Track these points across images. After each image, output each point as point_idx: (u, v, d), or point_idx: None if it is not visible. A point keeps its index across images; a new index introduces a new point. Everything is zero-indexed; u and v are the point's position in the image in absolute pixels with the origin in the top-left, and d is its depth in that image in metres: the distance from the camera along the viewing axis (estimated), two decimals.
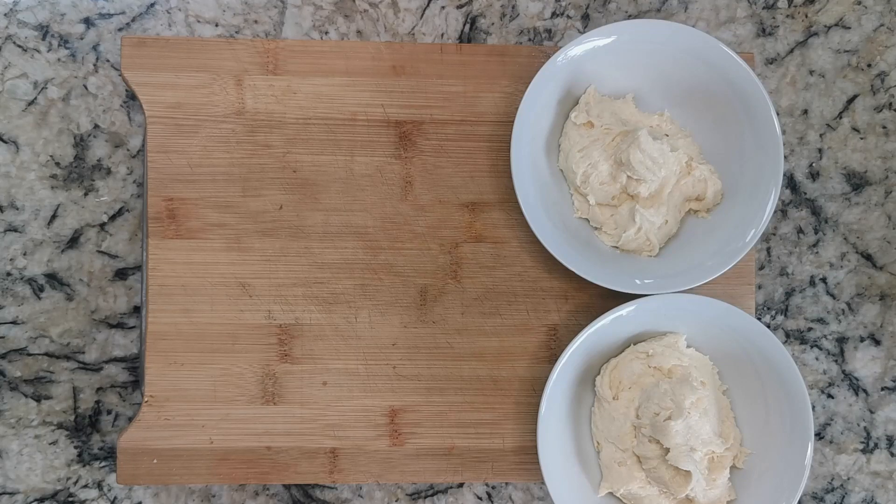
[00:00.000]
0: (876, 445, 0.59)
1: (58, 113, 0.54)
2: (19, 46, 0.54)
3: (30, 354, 0.54)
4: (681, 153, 0.53)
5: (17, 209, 0.55)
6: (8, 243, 0.54)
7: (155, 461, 0.53)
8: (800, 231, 0.59)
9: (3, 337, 0.54)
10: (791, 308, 0.59)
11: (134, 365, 0.55)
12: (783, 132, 0.59)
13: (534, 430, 0.51)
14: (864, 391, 0.59)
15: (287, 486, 0.56)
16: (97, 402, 0.55)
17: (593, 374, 0.55)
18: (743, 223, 0.53)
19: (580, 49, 0.52)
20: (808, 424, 0.52)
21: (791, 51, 0.59)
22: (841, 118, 0.59)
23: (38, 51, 0.54)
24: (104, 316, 0.55)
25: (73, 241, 0.55)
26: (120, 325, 0.55)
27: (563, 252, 0.51)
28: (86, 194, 0.55)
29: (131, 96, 0.55)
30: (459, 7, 0.57)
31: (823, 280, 0.59)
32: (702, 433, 0.51)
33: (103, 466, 0.55)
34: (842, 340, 0.59)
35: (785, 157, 0.54)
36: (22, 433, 0.54)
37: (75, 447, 0.55)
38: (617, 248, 0.55)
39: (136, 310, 0.55)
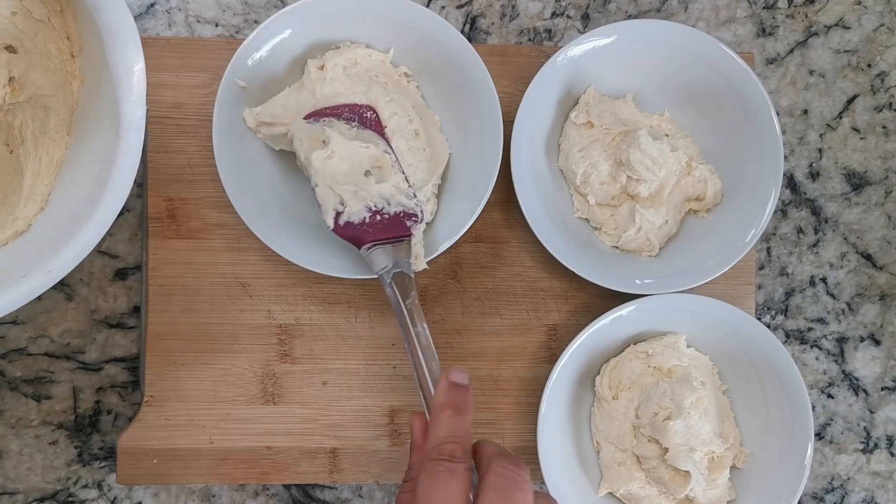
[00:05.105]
0: (876, 445, 0.59)
1: None
2: None
3: (30, 354, 0.54)
4: (681, 153, 0.53)
5: None
6: None
7: (155, 461, 0.52)
8: (800, 231, 0.59)
9: (3, 337, 0.54)
10: (791, 308, 0.59)
11: (134, 365, 0.55)
12: (783, 132, 0.59)
13: (534, 430, 0.51)
14: (864, 391, 0.59)
15: (287, 486, 0.56)
16: (97, 402, 0.55)
17: (593, 374, 0.55)
18: (743, 223, 0.53)
19: (580, 49, 0.52)
20: (808, 424, 0.52)
21: (791, 51, 0.59)
22: (841, 118, 0.59)
23: None
24: (104, 316, 0.55)
25: None
26: (120, 325, 0.55)
27: (563, 252, 0.51)
28: None
29: None
30: (459, 7, 0.57)
31: (823, 280, 0.59)
32: (701, 433, 0.51)
33: (103, 466, 0.55)
34: (842, 340, 0.59)
35: (785, 157, 0.54)
36: (22, 433, 0.54)
37: (75, 447, 0.55)
38: (617, 248, 0.55)
39: (136, 310, 0.55)
